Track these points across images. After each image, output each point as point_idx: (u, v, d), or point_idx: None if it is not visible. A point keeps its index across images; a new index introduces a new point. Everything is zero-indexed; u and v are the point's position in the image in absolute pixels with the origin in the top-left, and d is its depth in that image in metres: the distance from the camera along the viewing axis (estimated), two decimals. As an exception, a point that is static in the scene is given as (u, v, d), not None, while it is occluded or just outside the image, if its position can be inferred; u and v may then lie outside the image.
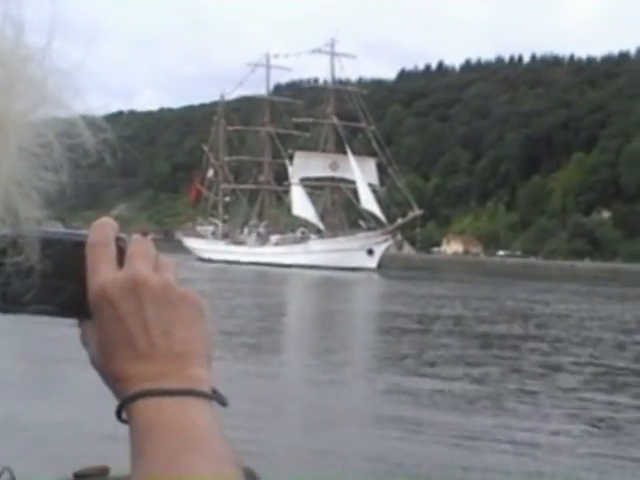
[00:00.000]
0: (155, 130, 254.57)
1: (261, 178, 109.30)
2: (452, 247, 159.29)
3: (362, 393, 17.45)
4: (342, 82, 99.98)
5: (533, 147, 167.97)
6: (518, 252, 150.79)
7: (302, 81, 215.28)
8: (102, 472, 9.12)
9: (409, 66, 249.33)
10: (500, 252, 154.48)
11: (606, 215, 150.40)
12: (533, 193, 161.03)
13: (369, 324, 33.29)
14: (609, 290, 65.68)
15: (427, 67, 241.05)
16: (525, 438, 13.06)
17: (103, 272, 0.68)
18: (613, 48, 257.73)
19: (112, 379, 0.65)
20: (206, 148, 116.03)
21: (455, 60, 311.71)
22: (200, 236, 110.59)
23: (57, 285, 0.68)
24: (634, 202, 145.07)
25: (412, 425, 13.75)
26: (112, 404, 0.68)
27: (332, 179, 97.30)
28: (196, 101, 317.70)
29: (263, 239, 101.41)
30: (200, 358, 0.68)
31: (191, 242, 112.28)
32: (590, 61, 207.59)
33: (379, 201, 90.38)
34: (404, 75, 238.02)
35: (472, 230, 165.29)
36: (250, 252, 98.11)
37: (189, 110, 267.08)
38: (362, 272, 78.72)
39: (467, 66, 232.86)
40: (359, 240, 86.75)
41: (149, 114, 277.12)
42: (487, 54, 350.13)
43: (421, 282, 66.19)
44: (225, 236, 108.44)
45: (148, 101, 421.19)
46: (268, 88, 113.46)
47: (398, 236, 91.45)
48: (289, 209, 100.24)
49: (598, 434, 13.96)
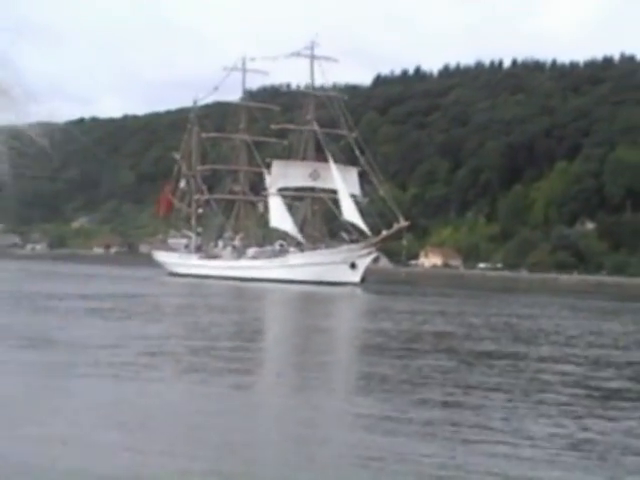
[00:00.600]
0: (119, 138, 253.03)
1: (236, 188, 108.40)
2: (431, 260, 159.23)
3: (334, 417, 16.97)
4: (322, 88, 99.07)
5: (514, 156, 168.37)
6: (499, 265, 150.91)
7: (278, 86, 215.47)
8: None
9: (385, 71, 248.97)
10: (480, 265, 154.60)
11: (590, 226, 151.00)
12: (515, 203, 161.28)
13: (350, 342, 32.85)
14: (596, 304, 65.82)
15: (404, 72, 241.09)
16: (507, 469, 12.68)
17: None
18: (597, 53, 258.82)
19: None
20: (177, 156, 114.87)
21: (433, 65, 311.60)
22: (172, 249, 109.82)
23: None
24: (619, 212, 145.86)
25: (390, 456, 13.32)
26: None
27: (312, 189, 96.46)
28: (162, 107, 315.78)
29: (239, 252, 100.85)
30: None
31: (162, 256, 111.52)
32: (573, 66, 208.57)
33: (362, 212, 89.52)
34: (380, 81, 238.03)
35: (451, 242, 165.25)
36: (225, 266, 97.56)
37: (155, 117, 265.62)
38: (345, 287, 78.44)
39: (445, 71, 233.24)
40: (341, 253, 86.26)
41: (112, 121, 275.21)
42: (466, 59, 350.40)
43: (405, 297, 66.11)
44: (198, 249, 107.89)
45: (111, 107, 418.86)
46: (245, 93, 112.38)
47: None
48: (267, 221, 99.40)
49: (581, 457, 13.73)
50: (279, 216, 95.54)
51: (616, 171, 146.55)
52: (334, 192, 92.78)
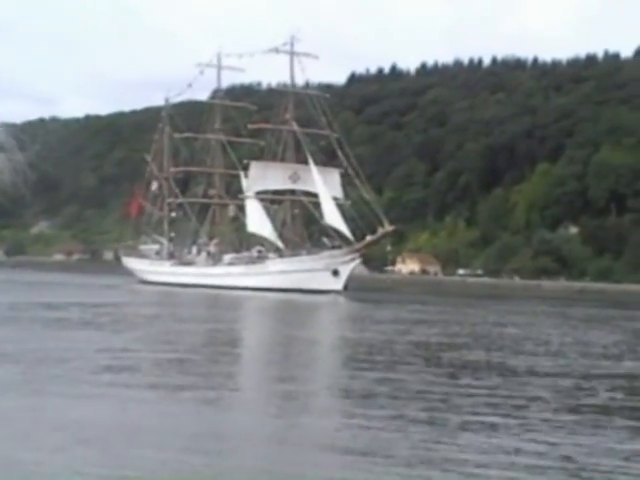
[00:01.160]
0: (81, 139, 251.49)
1: (211, 191, 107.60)
2: (408, 266, 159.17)
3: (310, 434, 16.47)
4: (302, 86, 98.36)
5: (494, 157, 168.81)
6: (479, 271, 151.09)
7: (248, 85, 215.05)
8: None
9: (360, 69, 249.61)
10: (460, 271, 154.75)
11: (574, 230, 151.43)
12: (495, 207, 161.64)
13: (329, 354, 32.36)
14: (581, 312, 65.91)
15: (379, 70, 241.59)
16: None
17: None
18: (580, 51, 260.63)
19: None
20: (148, 157, 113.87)
21: (410, 63, 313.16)
22: (143, 256, 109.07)
23: None
24: (603, 216, 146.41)
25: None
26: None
27: (292, 192, 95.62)
28: (126, 107, 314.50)
29: (214, 259, 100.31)
30: None
31: (132, 263, 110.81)
32: (555, 64, 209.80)
33: (344, 216, 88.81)
34: (354, 79, 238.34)
35: (429, 247, 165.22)
36: (200, 273, 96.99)
37: (118, 117, 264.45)
38: (327, 295, 78.08)
39: (423, 70, 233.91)
40: (323, 259, 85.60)
41: (74, 121, 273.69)
42: (444, 57, 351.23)
43: (389, 305, 65.98)
44: (171, 256, 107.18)
45: (73, 107, 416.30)
46: (214, 92, 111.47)
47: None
48: (244, 225, 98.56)
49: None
50: (257, 220, 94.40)
51: (600, 173, 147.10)
52: (315, 195, 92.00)
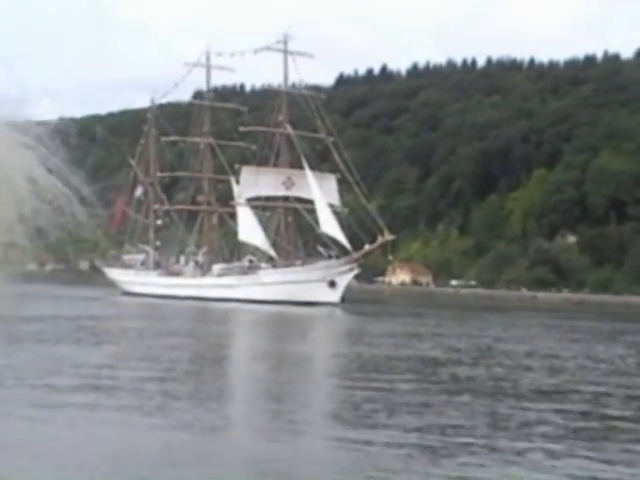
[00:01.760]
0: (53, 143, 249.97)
1: (200, 197, 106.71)
2: (399, 276, 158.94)
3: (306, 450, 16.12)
4: (296, 86, 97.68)
5: (489, 163, 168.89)
6: (473, 282, 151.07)
7: (231, 86, 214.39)
8: None
9: (348, 70, 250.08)
10: (453, 282, 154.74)
11: (572, 240, 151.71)
12: (489, 215, 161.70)
13: (324, 371, 31.98)
14: (582, 325, 65.72)
15: (369, 71, 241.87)
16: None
17: None
18: (578, 51, 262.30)
19: None
20: (133, 162, 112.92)
21: (400, 64, 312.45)
22: (127, 266, 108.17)
23: None
24: (603, 224, 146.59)
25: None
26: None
27: (286, 198, 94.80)
28: (102, 110, 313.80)
29: (203, 269, 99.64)
30: None
31: (116, 273, 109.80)
32: (552, 66, 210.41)
33: (341, 224, 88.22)
34: (343, 80, 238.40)
35: (421, 257, 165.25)
36: (188, 284, 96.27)
37: (94, 120, 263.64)
38: (323, 307, 77.41)
39: (414, 71, 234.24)
40: (319, 270, 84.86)
41: (45, 124, 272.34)
42: (437, 57, 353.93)
43: (387, 318, 65.66)
44: (157, 266, 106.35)
45: (45, 110, 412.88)
46: (209, 91, 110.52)
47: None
48: (235, 234, 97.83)
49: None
50: (248, 228, 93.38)
51: (599, 180, 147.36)
52: (310, 202, 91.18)
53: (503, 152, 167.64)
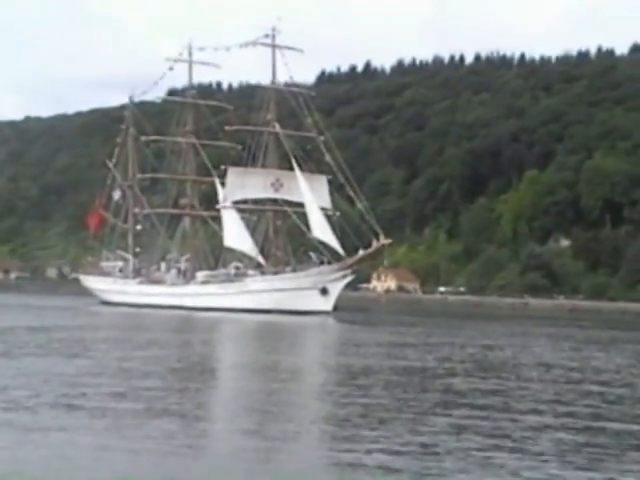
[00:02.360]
0: (19, 144, 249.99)
1: (183, 200, 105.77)
2: (384, 283, 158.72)
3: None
4: (285, 83, 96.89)
5: (478, 164, 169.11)
6: (462, 288, 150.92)
7: (207, 84, 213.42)
8: None
9: (330, 67, 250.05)
10: (441, 288, 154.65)
11: (565, 244, 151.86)
12: (479, 218, 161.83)
13: (315, 381, 31.13)
14: (578, 333, 65.50)
15: (352, 69, 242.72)
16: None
17: None
18: (571, 47, 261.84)
19: None
20: (111, 164, 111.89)
21: (385, 61, 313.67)
22: (105, 274, 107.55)
23: None
24: (597, 228, 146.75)
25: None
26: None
27: (275, 201, 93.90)
28: (70, 109, 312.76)
29: (186, 277, 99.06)
30: None
31: (92, 281, 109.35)
32: (544, 62, 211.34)
33: (334, 228, 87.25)
34: (324, 78, 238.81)
35: (407, 262, 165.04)
36: (170, 293, 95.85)
37: (62, 119, 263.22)
38: (314, 316, 76.88)
39: (399, 68, 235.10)
40: (310, 277, 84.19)
41: (11, 124, 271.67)
42: (423, 54, 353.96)
43: (383, 327, 65.25)
44: (137, 273, 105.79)
45: (10, 109, 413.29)
46: (191, 88, 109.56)
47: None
48: (220, 239, 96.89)
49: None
50: (235, 233, 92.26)
51: (593, 181, 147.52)
52: (300, 205, 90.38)
53: (493, 152, 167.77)
